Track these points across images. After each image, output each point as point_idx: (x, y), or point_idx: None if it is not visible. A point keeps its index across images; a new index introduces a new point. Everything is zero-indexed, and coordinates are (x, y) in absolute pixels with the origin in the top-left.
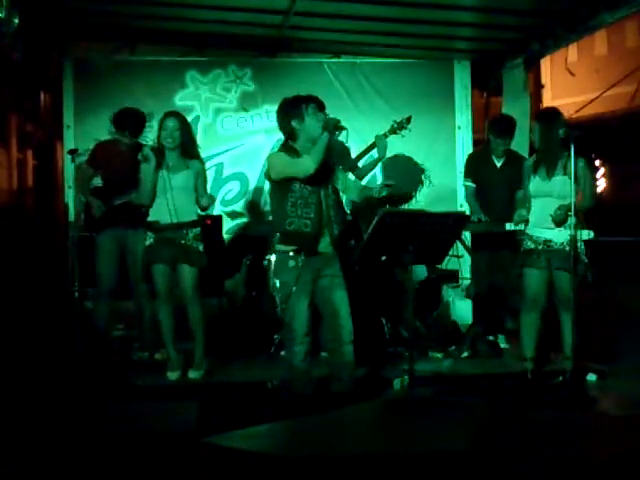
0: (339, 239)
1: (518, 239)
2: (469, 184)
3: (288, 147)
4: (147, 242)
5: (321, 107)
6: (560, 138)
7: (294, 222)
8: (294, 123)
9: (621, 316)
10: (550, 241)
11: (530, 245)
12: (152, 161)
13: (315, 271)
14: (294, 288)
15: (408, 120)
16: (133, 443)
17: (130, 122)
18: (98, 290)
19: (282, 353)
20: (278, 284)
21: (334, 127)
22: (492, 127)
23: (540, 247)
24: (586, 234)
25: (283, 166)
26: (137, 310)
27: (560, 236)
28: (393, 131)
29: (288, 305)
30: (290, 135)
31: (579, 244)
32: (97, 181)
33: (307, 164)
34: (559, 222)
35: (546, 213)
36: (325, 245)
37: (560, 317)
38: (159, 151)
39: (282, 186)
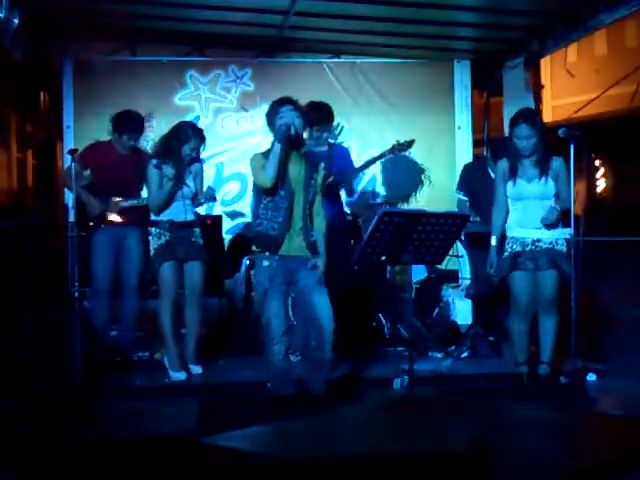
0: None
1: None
2: (462, 197)
3: (269, 150)
4: (162, 241)
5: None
6: (542, 139)
7: (262, 224)
8: (270, 128)
9: (618, 316)
10: (539, 241)
11: (517, 248)
12: (174, 179)
13: (289, 272)
14: (268, 288)
15: (410, 144)
16: (132, 443)
17: (128, 125)
18: (94, 289)
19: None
20: (255, 283)
21: (287, 136)
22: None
23: (528, 248)
24: (567, 232)
25: (255, 171)
26: (138, 310)
27: (548, 235)
28: (392, 151)
29: (264, 305)
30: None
31: (561, 242)
32: (86, 179)
33: (263, 177)
34: (550, 224)
35: (531, 214)
36: (300, 248)
37: (540, 321)
38: (180, 163)
39: (258, 187)
